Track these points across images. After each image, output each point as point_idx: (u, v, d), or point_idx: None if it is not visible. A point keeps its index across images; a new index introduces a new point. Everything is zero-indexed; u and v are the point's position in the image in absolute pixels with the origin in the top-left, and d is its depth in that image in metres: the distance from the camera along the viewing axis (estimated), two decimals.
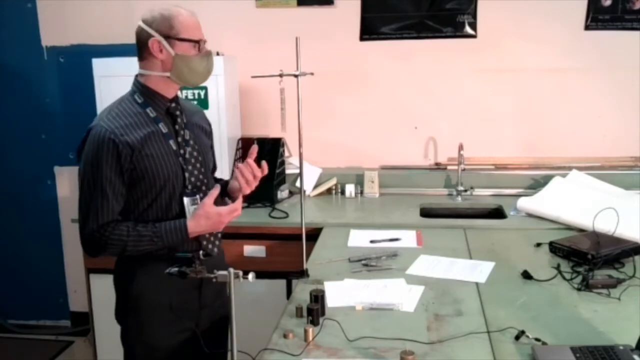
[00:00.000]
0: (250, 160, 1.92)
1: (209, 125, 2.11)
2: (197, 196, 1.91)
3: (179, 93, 1.96)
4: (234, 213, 1.88)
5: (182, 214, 1.87)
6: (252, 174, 1.91)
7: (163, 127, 1.85)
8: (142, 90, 1.87)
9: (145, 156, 1.79)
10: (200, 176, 1.93)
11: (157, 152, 1.82)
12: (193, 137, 1.94)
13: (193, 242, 1.88)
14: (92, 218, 1.77)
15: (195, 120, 2.00)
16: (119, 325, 1.96)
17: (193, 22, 1.85)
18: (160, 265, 1.80)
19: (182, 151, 1.88)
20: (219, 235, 2.00)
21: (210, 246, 1.95)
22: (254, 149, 1.93)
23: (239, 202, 1.90)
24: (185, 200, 1.88)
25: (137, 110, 1.84)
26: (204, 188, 1.94)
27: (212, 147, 2.10)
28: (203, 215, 1.84)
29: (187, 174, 1.88)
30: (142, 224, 1.82)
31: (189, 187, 1.89)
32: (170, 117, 1.89)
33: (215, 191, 1.88)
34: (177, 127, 1.90)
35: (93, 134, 1.78)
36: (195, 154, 1.93)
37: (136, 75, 1.90)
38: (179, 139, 1.89)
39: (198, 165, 1.93)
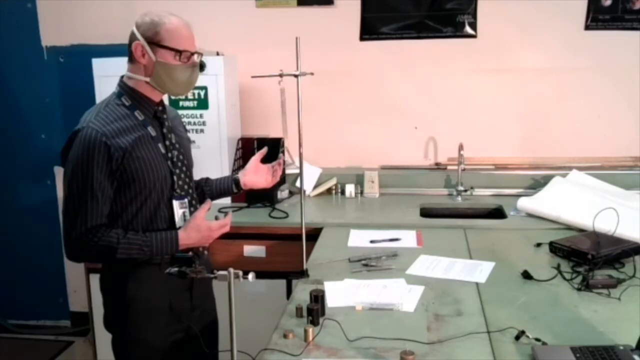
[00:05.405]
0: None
1: (185, 128, 2.12)
2: (185, 200, 1.92)
3: (164, 98, 1.96)
4: (223, 228, 1.91)
5: (171, 217, 1.88)
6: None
7: (152, 130, 1.85)
8: (129, 93, 1.85)
9: (135, 158, 1.78)
10: (187, 179, 1.95)
11: (147, 155, 1.81)
12: (178, 140, 1.95)
13: None
14: (81, 221, 1.73)
15: (175, 124, 2.01)
16: (109, 332, 1.93)
17: (182, 32, 1.81)
18: (153, 267, 1.82)
19: (170, 154, 1.89)
20: None
21: (200, 248, 1.96)
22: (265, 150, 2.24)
23: (228, 219, 1.93)
24: (175, 203, 1.88)
25: (125, 112, 1.82)
26: (190, 191, 1.96)
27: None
28: (194, 228, 1.85)
29: (175, 177, 1.89)
30: (132, 232, 1.80)
31: (178, 190, 1.89)
32: (157, 121, 1.90)
33: (207, 204, 1.89)
34: (164, 130, 1.90)
35: (83, 136, 1.74)
36: (181, 157, 1.94)
37: (122, 77, 1.89)
38: (167, 143, 1.90)
39: (184, 168, 1.95)
